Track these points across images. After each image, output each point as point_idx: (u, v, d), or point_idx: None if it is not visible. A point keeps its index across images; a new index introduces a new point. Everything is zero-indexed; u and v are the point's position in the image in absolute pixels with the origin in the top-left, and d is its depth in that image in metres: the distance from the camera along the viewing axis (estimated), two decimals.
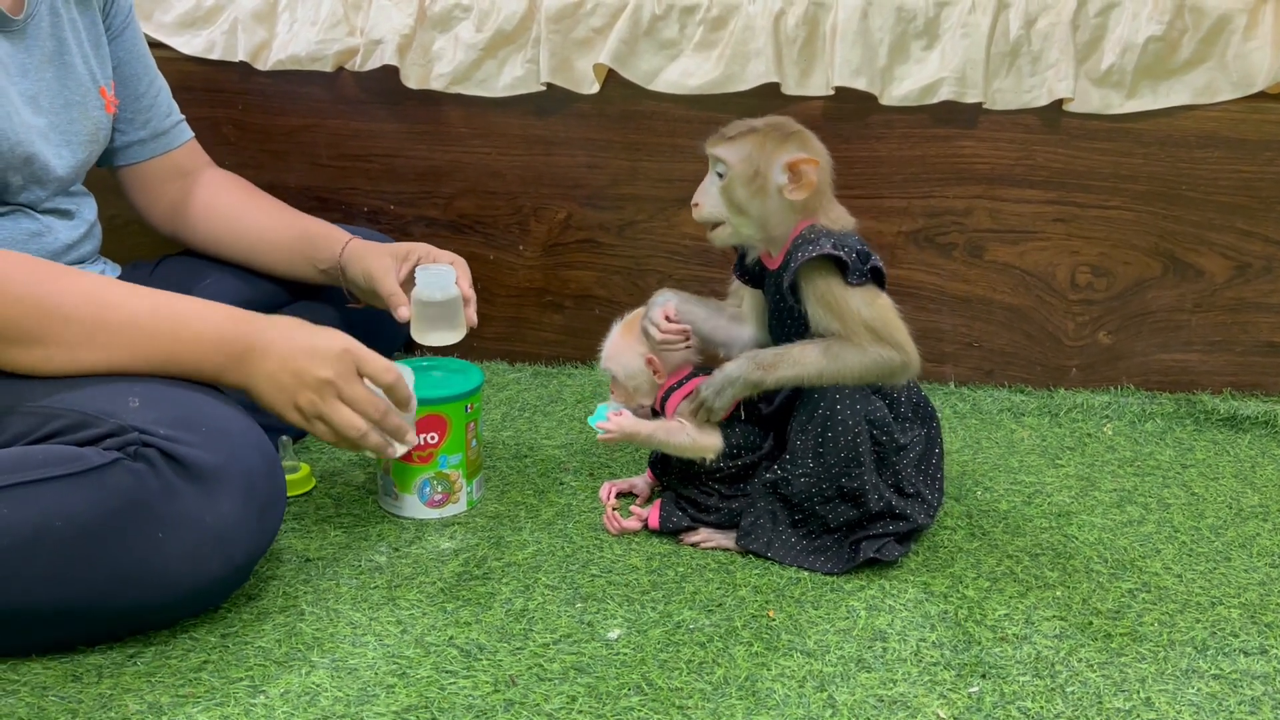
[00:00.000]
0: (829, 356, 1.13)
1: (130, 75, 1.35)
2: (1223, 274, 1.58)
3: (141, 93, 1.36)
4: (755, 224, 1.16)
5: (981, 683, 0.99)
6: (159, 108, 1.39)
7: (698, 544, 1.21)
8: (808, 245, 1.13)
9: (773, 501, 1.18)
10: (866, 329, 1.12)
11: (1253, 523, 1.29)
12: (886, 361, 1.13)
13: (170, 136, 1.40)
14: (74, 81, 1.22)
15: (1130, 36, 1.48)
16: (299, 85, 1.69)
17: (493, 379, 1.69)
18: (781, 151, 1.14)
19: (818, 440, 1.14)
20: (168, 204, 1.41)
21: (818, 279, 1.13)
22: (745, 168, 1.14)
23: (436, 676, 0.99)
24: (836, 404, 1.13)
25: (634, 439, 1.19)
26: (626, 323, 1.26)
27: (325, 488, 1.34)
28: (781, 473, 1.16)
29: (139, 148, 1.38)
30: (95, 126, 1.26)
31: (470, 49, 1.61)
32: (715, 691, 0.97)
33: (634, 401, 1.24)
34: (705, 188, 1.18)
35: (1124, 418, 1.56)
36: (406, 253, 1.34)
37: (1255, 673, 1.02)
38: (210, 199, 1.41)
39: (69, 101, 1.21)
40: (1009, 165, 1.57)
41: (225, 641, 1.03)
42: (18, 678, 0.98)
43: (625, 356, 1.23)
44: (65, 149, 1.21)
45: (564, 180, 1.68)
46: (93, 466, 0.95)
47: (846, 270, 1.12)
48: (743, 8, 1.53)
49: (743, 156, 1.14)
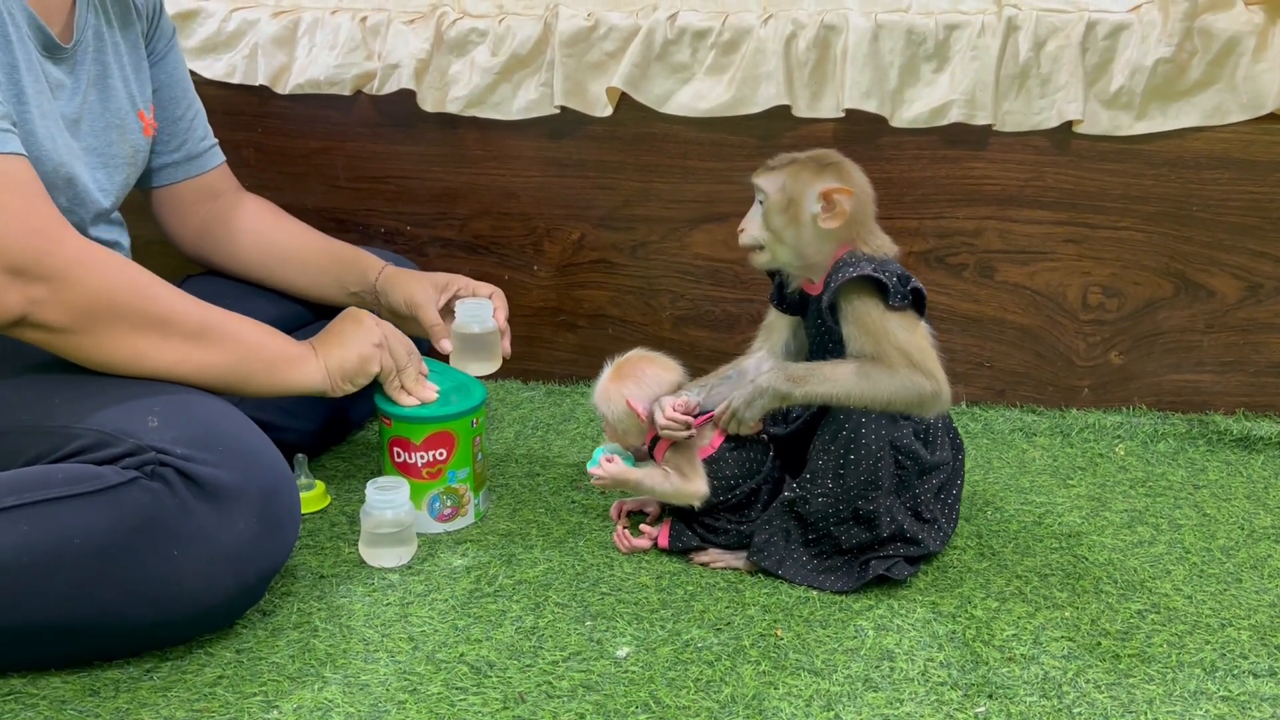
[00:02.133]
0: (861, 376, 1.13)
1: (170, 98, 1.38)
2: (1234, 294, 1.58)
3: (179, 115, 1.39)
4: (792, 250, 1.19)
5: (988, 703, 1.00)
6: (195, 131, 1.41)
7: (706, 564, 1.22)
8: (848, 267, 1.15)
9: (788, 520, 1.18)
10: (901, 353, 1.12)
11: (1264, 544, 1.28)
12: (917, 388, 1.12)
13: (204, 159, 1.42)
14: (114, 104, 1.25)
15: (1139, 58, 1.48)
16: (317, 109, 1.72)
17: (506, 397, 1.70)
18: (817, 181, 1.16)
19: (839, 461, 1.14)
20: (197, 224, 1.43)
21: (856, 300, 1.14)
22: (781, 197, 1.17)
23: (447, 693, 1.00)
24: (861, 426, 1.14)
25: (624, 485, 1.22)
26: (617, 365, 1.27)
27: (340, 505, 1.35)
28: (800, 491, 1.17)
29: (173, 169, 1.40)
30: (134, 149, 1.28)
31: (485, 73, 1.63)
32: (722, 710, 0.98)
33: (624, 442, 1.26)
34: (750, 215, 1.21)
35: (1136, 438, 1.56)
36: (446, 283, 1.40)
37: (1264, 695, 1.01)
38: (240, 220, 1.43)
39: (109, 124, 1.24)
40: (1019, 186, 1.58)
41: (240, 657, 1.05)
42: (36, 691, 0.99)
43: (612, 400, 1.25)
44: (102, 171, 1.23)
45: (577, 201, 1.69)
46: (110, 485, 0.97)
47: (887, 293, 1.13)
48: (754, 31, 1.55)
49: (778, 186, 1.18)
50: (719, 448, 1.21)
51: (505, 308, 1.40)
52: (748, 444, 1.22)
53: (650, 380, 1.24)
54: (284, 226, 1.46)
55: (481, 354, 1.35)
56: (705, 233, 1.67)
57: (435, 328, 1.35)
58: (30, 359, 1.11)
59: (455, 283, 1.40)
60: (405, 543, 1.22)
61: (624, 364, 1.27)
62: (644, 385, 1.24)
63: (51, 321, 1.03)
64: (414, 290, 1.37)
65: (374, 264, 1.42)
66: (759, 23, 1.55)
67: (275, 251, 1.43)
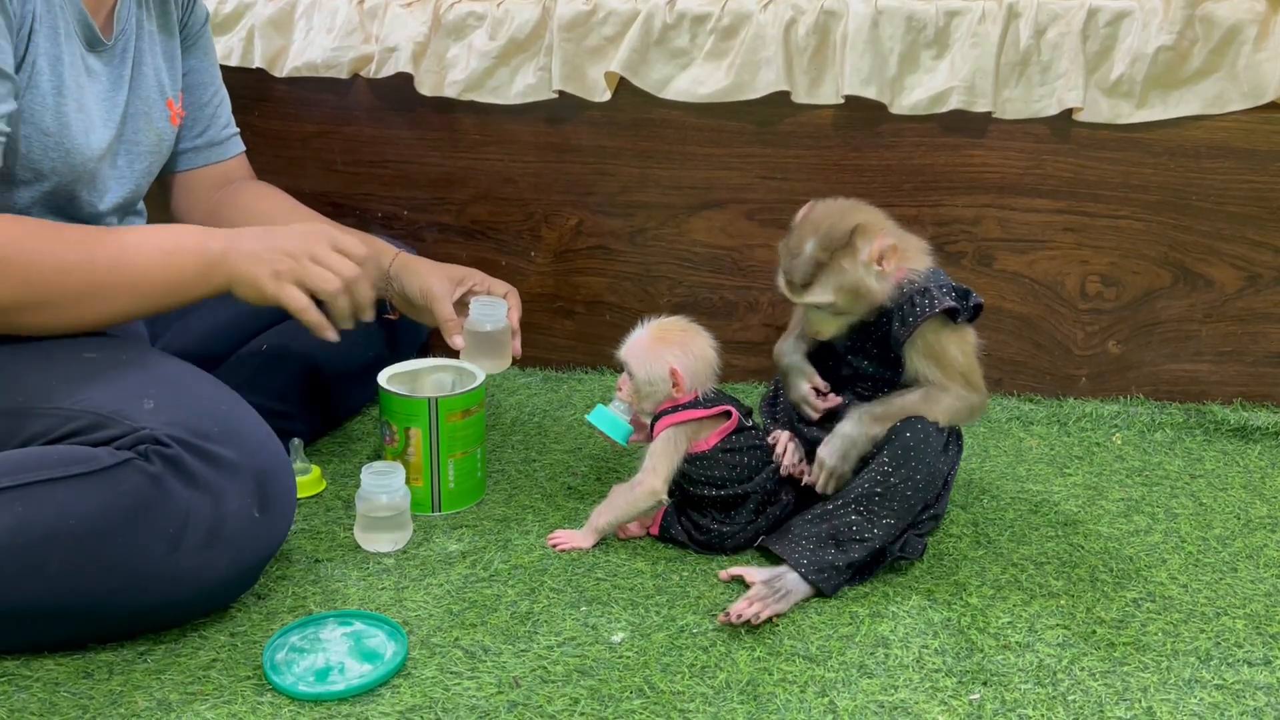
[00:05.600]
0: (928, 403, 1.18)
1: (197, 84, 1.38)
2: (1233, 284, 1.57)
3: (205, 102, 1.39)
4: (868, 307, 1.18)
5: (983, 690, 1.00)
6: (219, 119, 1.41)
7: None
8: (919, 298, 1.16)
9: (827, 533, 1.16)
10: (962, 376, 1.18)
11: (1260, 534, 1.28)
12: (970, 405, 1.19)
13: (225, 147, 1.42)
14: (143, 92, 1.25)
15: (1140, 46, 1.48)
16: (315, 92, 1.71)
17: (503, 383, 1.70)
18: (859, 254, 1.15)
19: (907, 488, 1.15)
20: (208, 209, 1.43)
21: (928, 333, 1.17)
22: (845, 295, 1.16)
23: (441, 677, 1.00)
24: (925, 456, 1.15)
25: (580, 548, 1.22)
26: (661, 328, 1.24)
27: (335, 490, 1.35)
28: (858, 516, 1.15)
29: (193, 155, 1.40)
30: (159, 138, 1.28)
31: (484, 57, 1.62)
32: (717, 695, 0.98)
33: (641, 405, 1.25)
34: (814, 320, 1.20)
35: (1133, 427, 1.56)
36: (463, 278, 1.39)
37: (1258, 683, 1.01)
38: (249, 204, 1.43)
39: (135, 112, 1.24)
40: (1018, 174, 1.57)
41: (234, 640, 1.05)
42: (30, 674, 0.99)
43: (652, 362, 1.22)
44: (124, 159, 1.23)
45: (575, 187, 1.69)
46: (105, 466, 0.97)
47: (955, 315, 1.17)
48: (753, 17, 1.54)
49: (836, 288, 1.16)
50: (713, 448, 1.20)
51: (519, 308, 1.40)
52: (742, 451, 1.21)
53: (696, 353, 1.22)
54: (295, 212, 1.45)
55: (492, 353, 1.36)
56: (704, 219, 1.66)
57: (449, 323, 1.35)
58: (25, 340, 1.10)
59: (471, 278, 1.40)
60: (400, 527, 1.21)
61: (670, 329, 1.24)
62: (689, 357, 1.22)
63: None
64: (431, 282, 1.36)
65: (387, 250, 1.41)
66: (758, 8, 1.54)
67: None
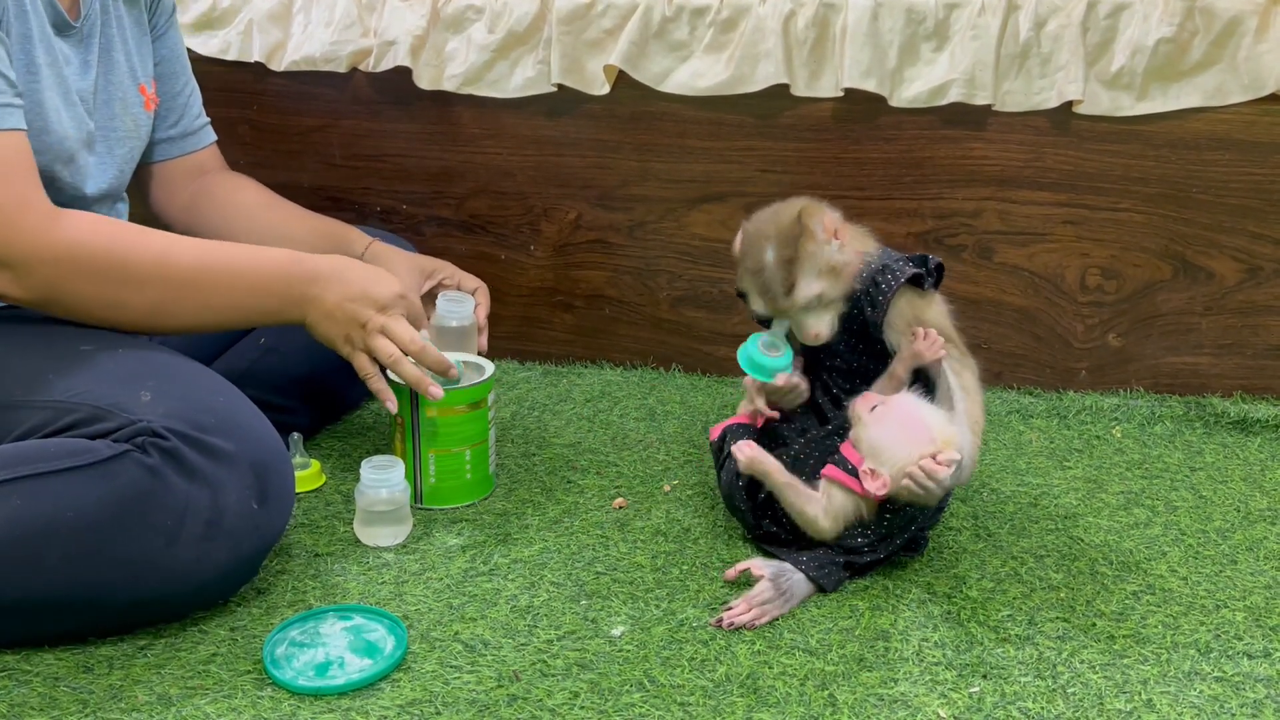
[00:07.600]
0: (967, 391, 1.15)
1: (169, 73, 1.38)
2: (1233, 277, 1.57)
3: (177, 92, 1.39)
4: (846, 287, 1.15)
5: (982, 683, 1.00)
6: (191, 109, 1.42)
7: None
8: (882, 277, 1.14)
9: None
10: (952, 343, 1.15)
11: (1260, 526, 1.28)
12: (976, 374, 1.17)
13: (198, 137, 1.43)
14: (116, 78, 1.25)
15: (1140, 38, 1.47)
16: (313, 86, 1.71)
17: (503, 378, 1.70)
18: (816, 235, 1.12)
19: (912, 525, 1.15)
20: (185, 200, 1.43)
21: (903, 307, 1.15)
22: (826, 277, 1.13)
23: (441, 671, 1.00)
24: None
25: (765, 478, 1.14)
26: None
27: (335, 484, 1.35)
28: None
29: (167, 145, 1.40)
30: (135, 123, 1.28)
31: (482, 50, 1.62)
32: (717, 689, 0.98)
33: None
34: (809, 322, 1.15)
35: (1133, 420, 1.56)
36: (433, 270, 1.39)
37: (1258, 675, 1.01)
38: (228, 196, 1.43)
39: (110, 97, 1.24)
40: (1019, 167, 1.57)
41: (234, 635, 1.05)
42: (30, 668, 0.99)
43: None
44: (102, 144, 1.24)
45: (574, 181, 1.69)
46: (102, 459, 0.97)
47: (921, 282, 1.15)
48: (753, 9, 1.54)
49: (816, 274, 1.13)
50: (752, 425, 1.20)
51: (487, 304, 1.40)
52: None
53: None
54: (272, 202, 1.46)
55: (455, 347, 1.35)
56: (703, 213, 1.66)
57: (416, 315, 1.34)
58: (23, 332, 1.10)
59: (442, 270, 1.40)
60: (400, 522, 1.21)
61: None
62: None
63: (19, 298, 1.07)
64: (399, 272, 1.36)
65: (360, 239, 1.41)
66: (758, 0, 1.54)
67: (264, 225, 1.43)
